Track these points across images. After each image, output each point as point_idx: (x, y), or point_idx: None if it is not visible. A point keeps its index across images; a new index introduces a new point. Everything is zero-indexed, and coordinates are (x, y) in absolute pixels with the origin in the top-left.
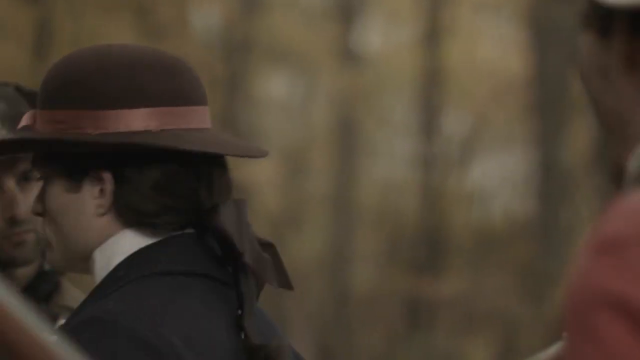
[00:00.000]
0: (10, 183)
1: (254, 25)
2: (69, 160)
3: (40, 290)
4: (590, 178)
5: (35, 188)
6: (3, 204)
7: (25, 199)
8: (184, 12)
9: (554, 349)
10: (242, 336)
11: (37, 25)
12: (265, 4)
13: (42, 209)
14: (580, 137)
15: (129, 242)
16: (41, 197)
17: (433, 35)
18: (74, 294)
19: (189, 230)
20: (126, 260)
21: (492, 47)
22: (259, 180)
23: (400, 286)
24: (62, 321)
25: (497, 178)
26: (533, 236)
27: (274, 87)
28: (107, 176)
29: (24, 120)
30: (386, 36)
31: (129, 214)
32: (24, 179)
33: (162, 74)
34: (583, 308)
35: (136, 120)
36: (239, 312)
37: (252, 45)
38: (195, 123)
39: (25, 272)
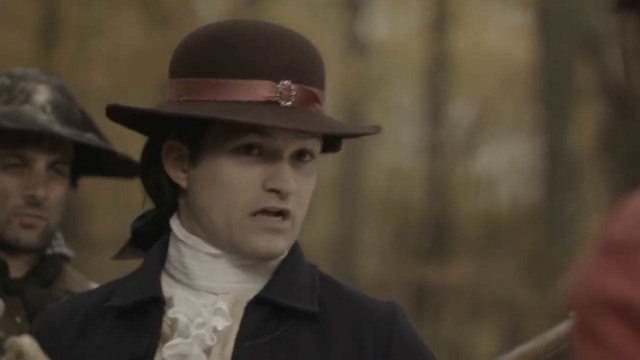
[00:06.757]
0: (41, 165)
1: (260, 13)
2: None
3: (44, 275)
4: (597, 166)
5: (59, 184)
6: (27, 182)
7: (49, 186)
8: (189, 1)
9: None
10: None
11: (44, 14)
12: None
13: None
14: (587, 124)
15: None
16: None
17: (440, 22)
18: (76, 278)
19: None
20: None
21: (499, 34)
22: None
23: (407, 273)
24: None
25: (503, 166)
26: (539, 224)
27: None
28: None
29: None
30: (393, 24)
31: None
32: (54, 168)
33: (220, 47)
34: (589, 311)
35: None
36: None
37: None
38: (237, 95)
39: (30, 257)
